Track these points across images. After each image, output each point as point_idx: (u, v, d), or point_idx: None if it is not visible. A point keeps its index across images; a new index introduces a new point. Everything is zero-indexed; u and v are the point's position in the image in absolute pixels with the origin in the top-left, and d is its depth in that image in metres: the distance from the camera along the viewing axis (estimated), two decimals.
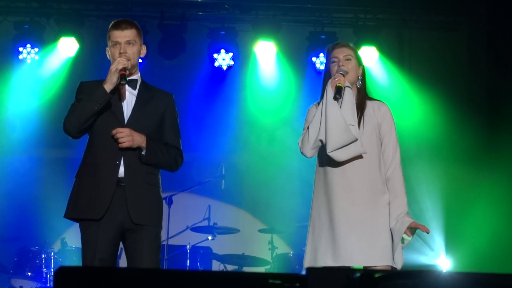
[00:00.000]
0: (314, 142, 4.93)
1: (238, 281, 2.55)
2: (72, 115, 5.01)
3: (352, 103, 4.94)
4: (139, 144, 4.95)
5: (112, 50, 5.09)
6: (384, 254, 4.85)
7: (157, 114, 5.13)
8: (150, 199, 5.02)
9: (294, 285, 2.45)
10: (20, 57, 10.03)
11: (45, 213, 9.64)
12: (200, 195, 9.66)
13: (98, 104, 4.92)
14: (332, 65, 5.10)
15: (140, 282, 2.61)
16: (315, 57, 10.24)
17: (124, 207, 4.92)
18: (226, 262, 9.25)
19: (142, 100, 5.09)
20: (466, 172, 9.51)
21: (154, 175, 5.07)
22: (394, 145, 5.05)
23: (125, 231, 4.95)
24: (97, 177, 4.93)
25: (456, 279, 2.52)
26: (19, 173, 9.97)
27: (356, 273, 2.39)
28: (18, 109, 10.04)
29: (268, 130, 10.30)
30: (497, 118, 9.41)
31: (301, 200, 9.81)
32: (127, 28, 5.10)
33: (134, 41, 5.10)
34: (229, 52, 10.19)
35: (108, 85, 4.94)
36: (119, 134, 4.91)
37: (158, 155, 5.03)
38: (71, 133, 5.05)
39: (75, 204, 4.99)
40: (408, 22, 10.35)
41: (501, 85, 9.61)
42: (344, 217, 4.88)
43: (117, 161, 4.94)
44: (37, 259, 8.64)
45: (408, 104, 9.94)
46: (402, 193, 4.96)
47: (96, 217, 4.88)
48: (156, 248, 5.00)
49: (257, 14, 10.18)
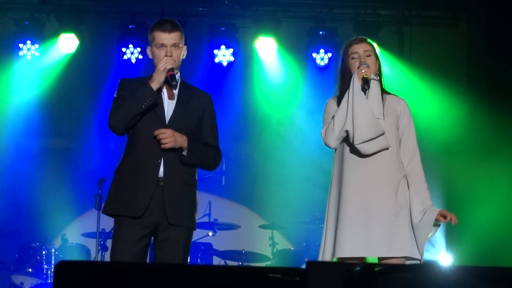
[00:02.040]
0: (339, 132, 4.93)
1: (238, 276, 2.55)
2: (118, 113, 4.96)
3: (378, 96, 4.96)
4: (181, 145, 4.94)
5: (157, 51, 5.06)
6: (404, 245, 4.86)
7: (197, 114, 5.12)
8: (187, 200, 5.02)
9: (294, 279, 2.45)
10: (21, 54, 10.04)
11: (46, 210, 9.66)
12: (201, 191, 9.57)
13: (146, 103, 4.91)
14: (353, 61, 5.10)
15: (141, 277, 2.61)
16: (315, 52, 10.24)
17: (161, 206, 4.91)
18: (226, 258, 9.25)
19: (183, 100, 5.08)
20: (466, 166, 9.51)
21: (191, 176, 5.07)
22: (414, 140, 5.10)
23: (158, 230, 4.95)
24: (138, 175, 4.92)
25: (456, 272, 2.52)
26: (19, 169, 9.97)
27: (356, 267, 2.39)
28: (19, 105, 10.05)
29: (269, 126, 10.30)
30: (497, 113, 9.40)
31: (301, 196, 9.83)
32: (173, 31, 5.09)
33: (179, 43, 5.10)
34: (229, 48, 10.19)
35: (155, 84, 4.93)
36: (162, 135, 4.89)
37: (198, 155, 5.03)
38: (116, 130, 5.01)
39: (115, 201, 4.97)
40: (408, 18, 10.35)
41: (501, 80, 9.60)
42: (364, 209, 4.87)
43: (158, 160, 4.93)
44: (37, 255, 8.64)
45: (408, 100, 9.89)
46: (425, 187, 5.00)
47: (136, 214, 4.88)
48: (185, 251, 5.00)
49: (257, 10, 10.18)
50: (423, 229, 4.90)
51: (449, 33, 10.33)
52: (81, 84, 10.00)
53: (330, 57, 10.22)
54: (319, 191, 9.72)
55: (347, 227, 4.87)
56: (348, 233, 4.86)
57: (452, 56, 10.26)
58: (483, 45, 10.03)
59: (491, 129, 9.46)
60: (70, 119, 10.09)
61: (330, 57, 10.22)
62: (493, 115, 9.39)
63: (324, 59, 10.24)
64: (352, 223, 4.87)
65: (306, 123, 10.10)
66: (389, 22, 10.37)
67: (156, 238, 4.98)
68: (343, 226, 4.88)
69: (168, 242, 4.94)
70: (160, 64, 4.96)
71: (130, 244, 4.88)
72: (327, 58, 10.22)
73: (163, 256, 4.96)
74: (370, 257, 4.94)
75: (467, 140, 9.65)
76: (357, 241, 4.85)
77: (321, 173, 9.96)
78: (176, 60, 5.05)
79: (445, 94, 9.90)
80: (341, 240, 4.87)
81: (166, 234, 4.93)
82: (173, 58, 5.02)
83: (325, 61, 10.24)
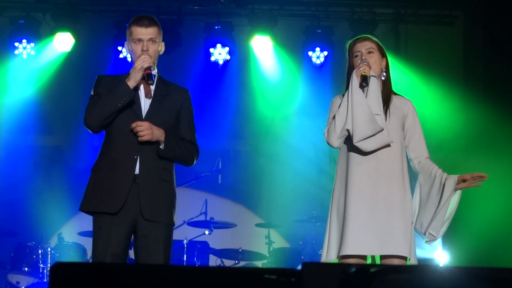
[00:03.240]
0: (340, 131, 4.93)
1: (233, 277, 2.55)
2: (94, 111, 4.98)
3: (377, 93, 4.95)
4: (158, 138, 4.95)
5: (134, 46, 5.06)
6: (403, 244, 4.86)
7: (174, 109, 5.13)
8: (163, 195, 5.02)
9: (290, 280, 2.45)
10: (16, 52, 10.03)
11: (42, 208, 9.65)
12: (197, 189, 9.66)
13: (122, 100, 4.92)
14: (355, 59, 5.09)
15: (136, 278, 2.61)
16: (311, 51, 10.24)
17: (137, 203, 4.92)
18: (223, 256, 9.25)
19: (160, 96, 5.09)
20: (462, 164, 9.51)
21: (168, 171, 5.07)
22: (422, 138, 5.12)
23: (137, 227, 4.95)
24: (114, 171, 4.94)
25: (452, 273, 2.52)
26: (15, 168, 9.96)
27: (352, 268, 2.39)
28: (14, 104, 10.03)
29: (265, 124, 10.30)
30: (494, 111, 9.40)
31: (298, 195, 9.83)
32: (150, 26, 5.08)
33: (156, 39, 5.08)
34: (225, 46, 10.19)
35: (131, 82, 4.94)
36: (139, 128, 4.90)
37: (175, 149, 5.04)
38: (92, 128, 5.03)
39: (92, 197, 4.99)
40: (404, 16, 10.35)
41: (498, 77, 9.60)
42: (368, 207, 4.87)
43: (135, 156, 4.94)
44: (33, 254, 8.63)
45: None
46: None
47: (112, 210, 4.88)
48: (166, 247, 5.00)
49: (253, 8, 10.18)
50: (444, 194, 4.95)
51: (445, 31, 10.33)
52: (77, 83, 9.98)
53: (326, 55, 10.22)
54: (315, 189, 9.75)
55: (351, 225, 4.87)
56: (353, 231, 4.86)
57: (448, 54, 10.26)
58: (479, 43, 10.03)
59: (487, 126, 9.47)
60: (65, 117, 10.08)
61: (326, 56, 10.22)
62: (489, 112, 9.39)
63: (320, 58, 10.24)
64: (357, 221, 4.87)
65: (302, 121, 10.11)
66: (385, 20, 10.37)
67: (135, 236, 4.98)
68: (348, 224, 4.88)
69: (148, 239, 4.94)
70: (137, 63, 4.96)
71: (110, 242, 4.88)
72: (323, 57, 10.22)
73: (144, 254, 4.95)
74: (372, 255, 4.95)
75: (463, 137, 9.66)
76: (361, 239, 4.85)
77: (317, 171, 9.99)
78: (152, 55, 5.04)
79: (441, 92, 9.90)
80: (346, 238, 4.87)
81: (145, 231, 4.93)
82: (149, 53, 5.01)
83: (321, 60, 10.24)
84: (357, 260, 4.90)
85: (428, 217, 5.00)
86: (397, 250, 4.88)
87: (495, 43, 9.63)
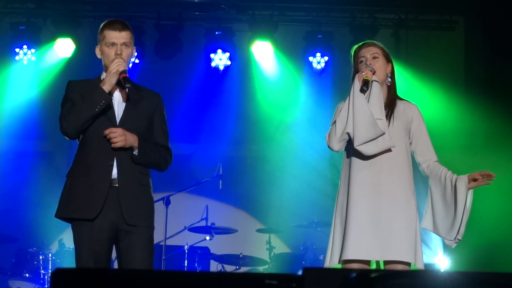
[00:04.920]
0: (341, 135, 4.92)
1: (235, 282, 2.54)
2: (70, 116, 4.98)
3: (379, 97, 4.94)
4: (131, 144, 4.94)
5: (107, 50, 5.06)
6: (405, 250, 4.85)
7: (147, 114, 5.12)
8: (142, 200, 5.01)
9: (291, 286, 2.45)
10: (17, 58, 10.04)
11: (43, 214, 9.63)
12: (198, 195, 9.66)
13: (99, 105, 4.91)
14: (360, 64, 5.09)
15: (136, 283, 2.60)
16: (312, 56, 10.24)
17: (117, 207, 4.90)
18: (224, 262, 9.24)
19: (133, 101, 5.08)
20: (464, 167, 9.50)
21: (145, 176, 5.07)
22: (429, 141, 5.12)
23: (118, 232, 4.93)
24: (90, 177, 4.92)
25: (453, 278, 2.52)
26: (16, 173, 9.96)
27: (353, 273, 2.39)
28: (15, 110, 10.03)
29: (265, 130, 10.30)
30: (495, 116, 9.40)
31: (299, 200, 9.83)
32: (123, 30, 5.10)
33: (129, 43, 5.10)
34: (226, 52, 10.19)
35: (107, 86, 4.93)
36: (112, 134, 4.89)
37: (149, 154, 5.04)
38: (70, 134, 5.03)
39: (68, 204, 4.97)
40: (404, 21, 10.35)
41: (498, 82, 9.60)
42: (371, 212, 4.86)
43: (110, 161, 4.93)
44: (34, 260, 8.62)
45: None
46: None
47: (90, 217, 4.86)
48: (149, 252, 4.98)
49: (254, 14, 10.18)
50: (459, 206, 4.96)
51: (445, 36, 10.33)
52: None
53: (326, 60, 10.22)
54: (316, 195, 9.75)
55: (353, 230, 4.85)
56: (355, 236, 4.84)
57: (448, 60, 10.26)
58: (479, 48, 10.04)
59: (488, 131, 9.46)
60: None
61: (327, 61, 10.22)
62: (491, 117, 9.39)
63: (321, 63, 10.24)
64: (358, 225, 4.85)
65: (303, 127, 10.11)
66: (386, 26, 10.37)
67: (117, 241, 4.96)
68: (349, 229, 4.87)
69: (131, 243, 4.93)
70: (112, 66, 4.94)
71: (94, 248, 4.86)
72: (324, 62, 10.23)
73: (129, 257, 4.93)
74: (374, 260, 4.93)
75: (464, 143, 9.65)
76: (363, 244, 4.83)
77: (318, 177, 9.98)
78: (125, 59, 5.04)
79: (442, 97, 9.90)
80: (347, 243, 4.85)
81: (127, 235, 4.92)
82: (123, 56, 5.01)
83: (321, 65, 10.24)
84: (360, 266, 4.89)
85: (449, 222, 5.01)
86: (399, 256, 4.86)
87: (496, 49, 9.63)
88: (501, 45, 9.51)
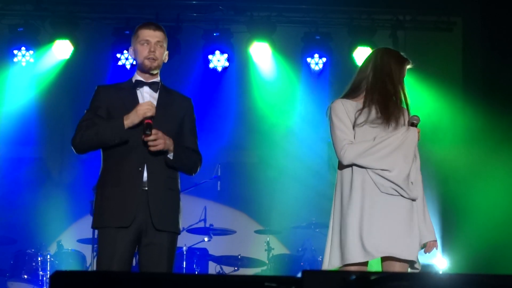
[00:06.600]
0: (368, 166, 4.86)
1: (234, 284, 2.54)
2: (85, 136, 4.94)
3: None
4: (169, 147, 4.92)
5: (140, 48, 5.05)
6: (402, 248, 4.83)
7: (178, 117, 5.10)
8: (171, 204, 5.01)
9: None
10: (15, 60, 10.03)
11: (41, 216, 9.64)
12: (196, 196, 9.65)
13: (114, 141, 4.87)
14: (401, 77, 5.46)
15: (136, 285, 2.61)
16: (310, 57, 10.25)
17: (146, 211, 4.88)
18: (222, 263, 9.24)
19: (164, 104, 5.05)
20: (462, 167, 9.53)
21: (174, 180, 5.06)
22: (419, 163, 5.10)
23: (143, 235, 4.92)
24: (121, 186, 4.89)
25: (451, 280, 2.52)
26: (15, 175, 9.96)
27: (352, 275, 2.39)
28: (13, 112, 10.03)
29: (263, 131, 10.30)
30: (493, 116, 9.41)
31: (297, 201, 9.83)
32: (158, 30, 5.10)
33: (163, 43, 5.09)
34: (224, 53, 10.19)
35: (128, 122, 4.87)
36: (154, 136, 4.85)
37: (183, 158, 5.02)
38: (77, 151, 5.03)
39: (102, 214, 4.93)
40: (402, 22, 10.36)
41: (496, 84, 9.61)
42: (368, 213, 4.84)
43: (140, 167, 4.90)
44: (33, 261, 8.62)
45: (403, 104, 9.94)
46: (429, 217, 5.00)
47: (125, 224, 4.85)
48: (170, 255, 4.98)
49: (252, 15, 10.19)
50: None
51: (443, 37, 10.34)
52: (75, 90, 9.98)
53: (324, 62, 10.23)
54: (314, 196, 9.74)
55: (351, 232, 4.84)
56: (352, 239, 4.83)
57: (446, 61, 10.27)
58: (477, 49, 10.04)
59: (486, 131, 9.47)
60: (64, 125, 10.07)
61: (325, 62, 10.23)
62: (488, 118, 9.40)
63: (319, 64, 10.25)
64: (355, 228, 4.83)
65: (301, 128, 10.11)
66: (384, 27, 10.38)
67: (140, 243, 4.94)
68: (347, 232, 4.84)
69: (153, 248, 4.92)
70: (142, 107, 4.89)
71: (117, 249, 4.85)
72: (322, 63, 10.23)
73: (148, 261, 4.93)
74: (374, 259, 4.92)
75: (462, 143, 9.66)
76: (361, 246, 4.81)
77: (316, 178, 9.98)
78: (158, 58, 5.04)
79: (440, 97, 9.91)
80: (346, 246, 4.83)
81: (151, 239, 4.91)
82: (156, 54, 5.01)
83: (319, 66, 10.25)
84: (358, 268, 4.88)
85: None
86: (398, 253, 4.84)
87: (494, 50, 9.64)
88: (499, 46, 9.52)
